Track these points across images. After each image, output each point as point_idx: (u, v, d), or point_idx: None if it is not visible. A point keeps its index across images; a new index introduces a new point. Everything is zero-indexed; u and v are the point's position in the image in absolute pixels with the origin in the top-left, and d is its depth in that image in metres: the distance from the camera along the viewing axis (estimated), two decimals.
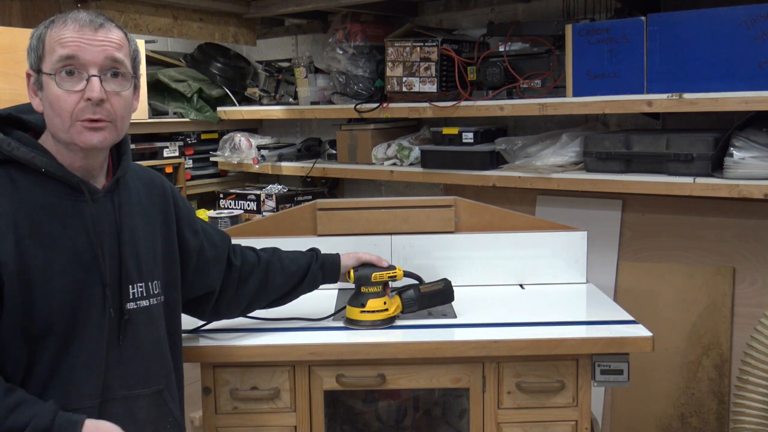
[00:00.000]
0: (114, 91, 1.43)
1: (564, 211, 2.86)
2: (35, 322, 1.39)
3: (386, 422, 2.23)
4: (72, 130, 1.41)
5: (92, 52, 1.40)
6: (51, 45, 1.41)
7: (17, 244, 1.38)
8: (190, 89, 3.51)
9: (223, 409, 1.89)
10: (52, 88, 1.40)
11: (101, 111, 1.41)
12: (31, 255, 1.39)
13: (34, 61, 1.44)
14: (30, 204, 1.41)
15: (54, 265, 1.41)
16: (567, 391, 1.87)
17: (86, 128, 1.41)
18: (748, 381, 2.19)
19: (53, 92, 1.40)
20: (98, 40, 1.41)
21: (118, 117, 1.45)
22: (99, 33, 1.42)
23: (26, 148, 1.42)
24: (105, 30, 1.43)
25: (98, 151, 1.47)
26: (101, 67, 1.41)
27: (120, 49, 1.44)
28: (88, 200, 1.46)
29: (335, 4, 3.08)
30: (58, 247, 1.42)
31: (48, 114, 1.43)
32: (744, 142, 2.25)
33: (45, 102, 1.43)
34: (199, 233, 1.75)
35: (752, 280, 2.55)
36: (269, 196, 3.43)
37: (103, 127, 1.42)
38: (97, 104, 1.40)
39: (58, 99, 1.40)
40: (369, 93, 3.14)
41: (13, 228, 1.38)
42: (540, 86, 2.72)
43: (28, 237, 1.39)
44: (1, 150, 1.41)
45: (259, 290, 1.86)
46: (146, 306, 1.55)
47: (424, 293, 1.98)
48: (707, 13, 2.28)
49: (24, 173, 1.43)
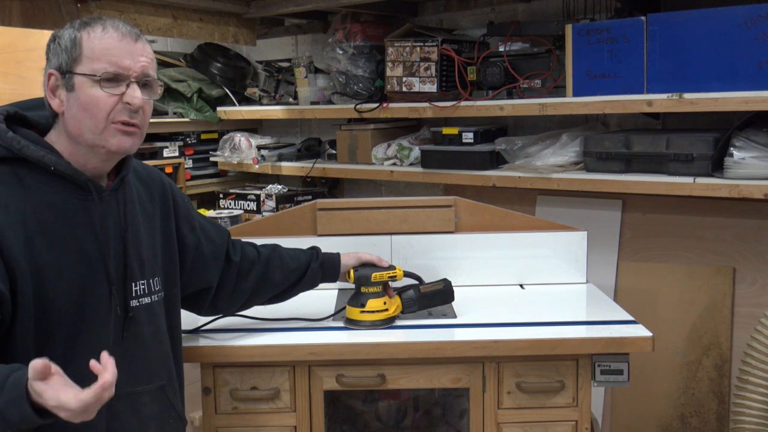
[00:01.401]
0: (147, 99, 1.48)
1: (564, 211, 2.86)
2: (45, 320, 1.40)
3: (386, 422, 2.23)
4: (106, 132, 1.43)
5: (134, 63, 1.44)
6: (92, 50, 1.42)
7: (27, 242, 1.38)
8: (189, 89, 3.51)
9: (223, 409, 1.89)
10: (90, 90, 1.41)
11: (136, 117, 1.46)
12: (40, 254, 1.39)
13: (66, 62, 1.43)
14: (38, 202, 1.42)
15: (62, 263, 1.42)
16: (567, 391, 1.87)
17: (120, 131, 1.44)
18: (748, 381, 2.19)
19: (91, 94, 1.41)
20: (137, 52, 1.46)
21: (145, 124, 1.50)
22: (138, 44, 1.46)
23: (36, 147, 1.42)
24: (142, 42, 1.48)
25: (121, 156, 1.50)
26: (138, 77, 1.45)
27: (152, 62, 1.50)
28: (95, 199, 1.47)
29: (335, 4, 3.08)
30: (66, 246, 1.43)
31: (76, 115, 1.43)
32: (744, 142, 2.25)
33: (74, 103, 1.43)
34: (197, 229, 1.76)
35: (752, 280, 2.55)
36: (269, 196, 3.44)
37: (135, 132, 1.46)
38: (135, 110, 1.45)
39: (98, 100, 1.41)
40: (369, 93, 3.14)
41: (23, 227, 1.38)
42: (540, 86, 2.72)
43: (37, 236, 1.40)
44: (11, 148, 1.41)
45: (258, 286, 1.87)
46: (148, 303, 1.56)
47: (424, 293, 1.98)
48: (707, 13, 2.27)
49: (31, 171, 1.43)
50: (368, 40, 3.15)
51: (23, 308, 1.37)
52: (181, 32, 3.21)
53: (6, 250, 1.35)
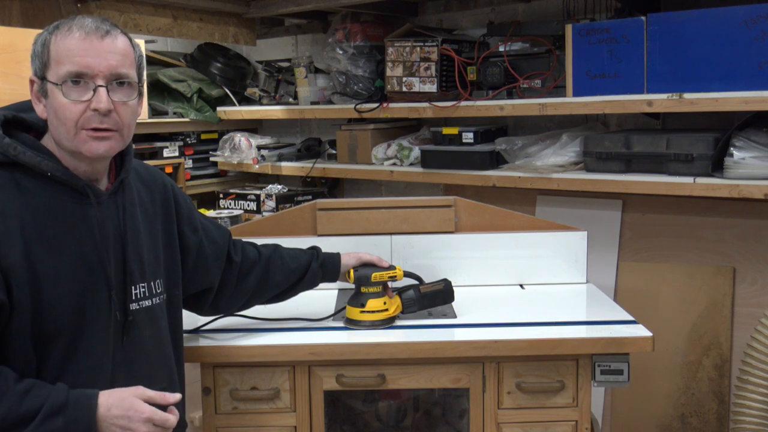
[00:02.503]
0: (121, 100, 1.42)
1: (564, 211, 2.86)
2: (43, 325, 1.39)
3: (386, 422, 2.23)
4: (77, 139, 1.40)
5: (99, 62, 1.39)
6: (57, 54, 1.39)
7: (25, 248, 1.37)
8: (189, 89, 3.51)
9: (223, 409, 1.89)
10: (58, 98, 1.39)
11: (108, 121, 1.41)
12: (38, 260, 1.39)
13: (39, 68, 1.42)
14: (36, 208, 1.41)
15: (61, 269, 1.41)
16: (567, 392, 1.87)
17: (92, 137, 1.40)
18: (748, 381, 2.19)
19: (59, 101, 1.39)
20: (105, 50, 1.39)
21: (124, 126, 1.44)
22: (105, 41, 1.40)
23: (32, 152, 1.41)
24: (111, 38, 1.41)
25: (103, 159, 1.47)
26: (108, 77, 1.40)
27: (126, 59, 1.43)
28: (93, 203, 1.46)
29: (335, 4, 3.08)
30: (64, 251, 1.42)
31: (53, 122, 1.42)
32: (744, 142, 2.25)
33: (50, 110, 1.42)
34: (199, 230, 1.75)
35: (752, 280, 2.55)
36: (269, 196, 3.44)
37: (109, 136, 1.42)
38: (105, 114, 1.40)
39: (64, 108, 1.38)
40: (369, 93, 3.14)
41: (21, 232, 1.38)
42: (540, 86, 2.72)
43: (36, 241, 1.39)
44: (8, 154, 1.40)
45: (259, 286, 1.87)
46: (149, 306, 1.55)
47: (424, 293, 1.98)
48: (707, 13, 2.27)
49: (28, 176, 1.42)
50: (368, 40, 3.15)
51: (20, 313, 1.37)
52: (181, 32, 3.21)
53: (2, 258, 1.34)
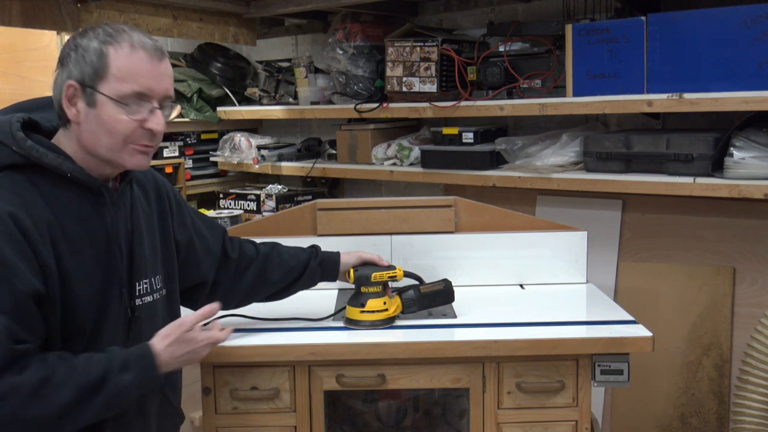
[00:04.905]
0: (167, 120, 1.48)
1: (564, 211, 2.86)
2: (68, 324, 1.42)
3: (386, 422, 2.23)
4: (123, 152, 1.43)
5: (159, 85, 1.44)
6: (120, 71, 1.39)
7: (54, 247, 1.39)
8: (190, 89, 3.51)
9: (223, 409, 1.89)
10: (111, 112, 1.40)
11: (156, 139, 1.46)
12: (64, 258, 1.41)
13: (90, 77, 1.40)
14: (56, 209, 1.42)
15: (83, 267, 1.43)
16: (567, 391, 1.87)
17: (138, 152, 1.44)
18: (748, 381, 2.19)
19: (113, 115, 1.40)
20: (162, 73, 1.44)
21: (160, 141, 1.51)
22: (163, 64, 1.45)
23: (53, 154, 1.42)
24: (166, 60, 1.46)
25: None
26: (162, 99, 1.45)
27: (173, 80, 1.49)
28: (107, 203, 1.49)
29: (335, 4, 3.08)
30: (84, 251, 1.44)
31: (94, 131, 1.42)
32: (744, 142, 2.25)
33: (93, 119, 1.41)
34: (188, 226, 1.77)
35: (752, 280, 2.55)
36: (269, 196, 3.44)
37: (152, 151, 1.48)
38: (155, 135, 1.45)
39: (118, 123, 1.40)
40: (369, 93, 3.14)
41: (48, 232, 1.39)
42: (540, 86, 2.72)
43: (60, 241, 1.41)
44: (30, 156, 1.40)
45: (256, 283, 1.88)
46: (150, 301, 1.58)
47: (425, 293, 1.98)
48: (707, 13, 2.27)
49: (44, 177, 1.43)
50: (368, 40, 3.15)
51: (52, 309, 1.39)
52: (181, 32, 3.21)
53: (39, 254, 1.36)
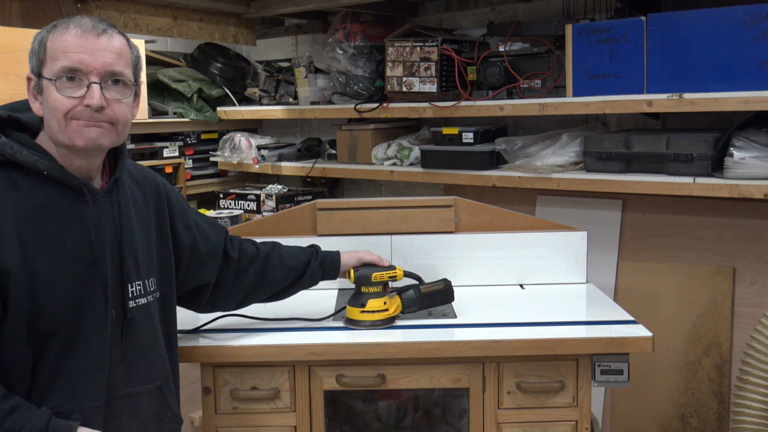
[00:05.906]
0: (114, 98, 1.44)
1: (564, 211, 2.86)
2: (40, 324, 1.40)
3: (386, 422, 2.23)
4: (69, 130, 1.41)
5: (94, 59, 1.40)
6: (53, 51, 1.41)
7: (22, 248, 1.38)
8: (190, 89, 3.51)
9: (223, 409, 1.89)
10: (52, 93, 1.40)
11: (100, 117, 1.42)
12: (35, 259, 1.39)
13: (35, 65, 1.44)
14: (32, 206, 1.41)
15: (57, 267, 1.41)
16: (567, 391, 1.87)
17: (83, 125, 1.41)
18: (748, 381, 2.19)
19: (53, 96, 1.40)
20: (100, 47, 1.41)
21: (119, 121, 1.45)
22: (101, 39, 1.42)
23: (28, 151, 1.42)
24: (107, 36, 1.43)
25: (97, 151, 1.47)
26: (102, 75, 1.41)
27: (121, 57, 1.45)
28: (89, 202, 1.46)
29: (335, 4, 3.08)
30: (60, 250, 1.42)
31: (47, 118, 1.43)
32: (744, 142, 2.25)
33: (45, 106, 1.43)
34: (192, 228, 1.76)
35: (752, 280, 2.55)
36: (269, 196, 3.44)
37: (101, 125, 1.43)
38: (97, 110, 1.41)
39: (56, 101, 1.40)
40: (369, 93, 3.14)
41: (17, 232, 1.38)
42: (540, 86, 2.72)
43: (32, 240, 1.39)
44: (4, 153, 1.41)
45: (257, 284, 1.87)
46: (144, 304, 1.56)
47: (424, 293, 1.98)
48: (707, 13, 2.28)
49: (24, 175, 1.42)
50: (368, 40, 3.15)
51: (15, 314, 1.37)
52: (181, 32, 3.21)
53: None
